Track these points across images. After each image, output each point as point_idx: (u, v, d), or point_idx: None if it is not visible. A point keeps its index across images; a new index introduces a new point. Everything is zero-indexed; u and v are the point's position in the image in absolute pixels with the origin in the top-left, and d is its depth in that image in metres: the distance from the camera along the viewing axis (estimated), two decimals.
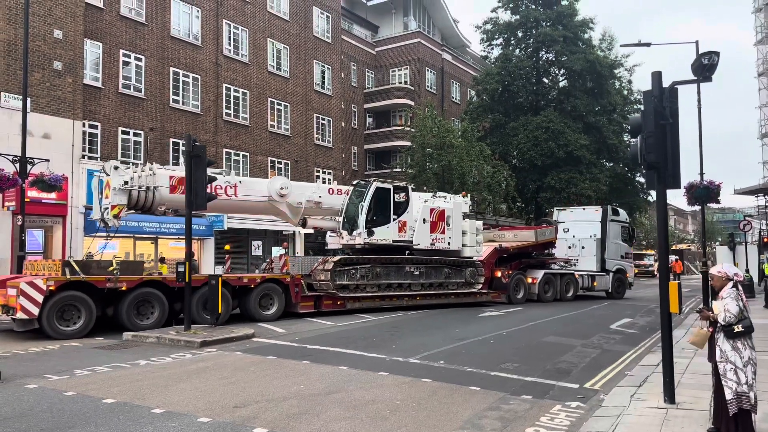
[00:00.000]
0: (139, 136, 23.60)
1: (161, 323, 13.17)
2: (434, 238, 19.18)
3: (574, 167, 37.41)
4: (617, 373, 9.31)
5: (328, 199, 17.56)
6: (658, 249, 7.27)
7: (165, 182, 14.21)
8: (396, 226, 18.17)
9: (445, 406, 7.01)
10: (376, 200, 17.82)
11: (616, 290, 26.00)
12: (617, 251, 26.47)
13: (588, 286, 24.87)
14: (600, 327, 15.23)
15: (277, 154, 29.39)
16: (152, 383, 7.96)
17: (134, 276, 13.26)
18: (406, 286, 18.43)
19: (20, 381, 7.96)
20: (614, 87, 42.09)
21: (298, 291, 15.84)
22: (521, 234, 24.13)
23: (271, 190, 16.07)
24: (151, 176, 14.05)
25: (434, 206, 19.49)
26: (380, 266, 17.76)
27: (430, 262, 19.17)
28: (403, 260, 18.44)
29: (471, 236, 20.33)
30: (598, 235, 25.79)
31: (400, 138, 38.82)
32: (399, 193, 18.65)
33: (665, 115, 6.79)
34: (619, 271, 26.30)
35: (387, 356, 10.16)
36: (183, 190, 13.77)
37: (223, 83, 26.97)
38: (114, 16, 22.99)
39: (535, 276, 22.65)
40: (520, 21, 40.82)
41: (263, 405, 6.91)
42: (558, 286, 23.23)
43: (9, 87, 18.97)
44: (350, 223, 17.74)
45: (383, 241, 17.85)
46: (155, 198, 14.05)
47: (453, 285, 19.76)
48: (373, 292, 17.46)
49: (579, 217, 26.73)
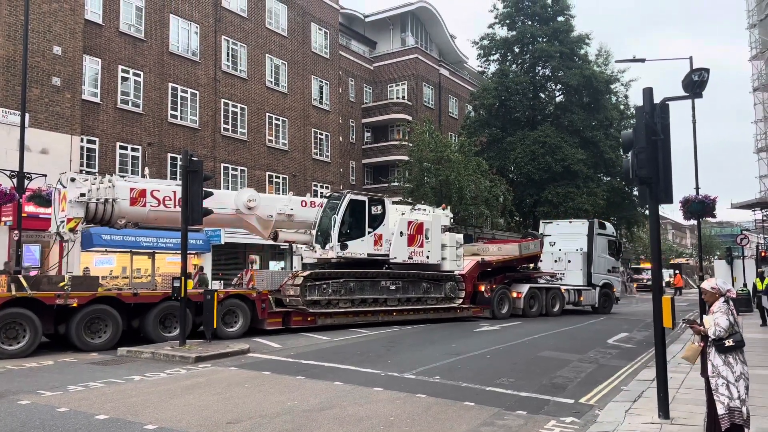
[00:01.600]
0: (137, 151, 23.68)
1: (114, 342, 12.53)
2: (412, 252, 18.68)
3: (571, 181, 37.54)
4: (613, 388, 9.29)
5: (300, 211, 17.00)
6: (651, 264, 7.29)
7: (125, 194, 13.74)
8: (371, 240, 17.62)
9: (439, 422, 6.98)
10: (350, 213, 17.30)
11: (602, 305, 25.52)
12: (604, 265, 26.12)
13: (574, 301, 24.47)
14: (597, 342, 15.20)
15: (275, 168, 29.47)
16: (146, 399, 7.92)
17: (86, 292, 12.61)
18: (382, 301, 17.84)
19: (13, 397, 7.92)
20: (610, 102, 42.35)
21: (265, 307, 15.22)
22: (505, 247, 23.68)
23: (238, 203, 15.54)
24: (110, 188, 13.57)
25: (412, 219, 19.02)
26: (354, 281, 17.12)
27: (407, 276, 18.62)
28: (379, 274, 17.86)
29: (451, 249, 19.86)
30: (585, 249, 25.49)
31: (397, 152, 38.95)
32: (375, 206, 18.10)
33: (656, 131, 6.85)
34: (606, 286, 25.87)
35: (382, 371, 10.12)
36: (144, 202, 13.78)
37: (222, 98, 27.11)
38: (113, 32, 23.17)
39: (520, 290, 22.08)
40: (516, 37, 41.18)
41: (257, 421, 6.88)
42: (544, 301, 22.71)
43: (8, 102, 19.07)
44: (323, 237, 17.15)
45: (357, 254, 17.31)
46: (114, 211, 13.57)
47: (432, 300, 19.20)
48: (347, 308, 16.90)
49: (565, 230, 26.40)
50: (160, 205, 14.11)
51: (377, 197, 18.96)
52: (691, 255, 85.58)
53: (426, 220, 19.37)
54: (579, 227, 26.15)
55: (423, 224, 19.10)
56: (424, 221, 19.20)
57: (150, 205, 13.96)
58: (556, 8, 41.48)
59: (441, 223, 19.89)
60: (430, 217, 19.71)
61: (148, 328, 13.20)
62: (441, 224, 19.83)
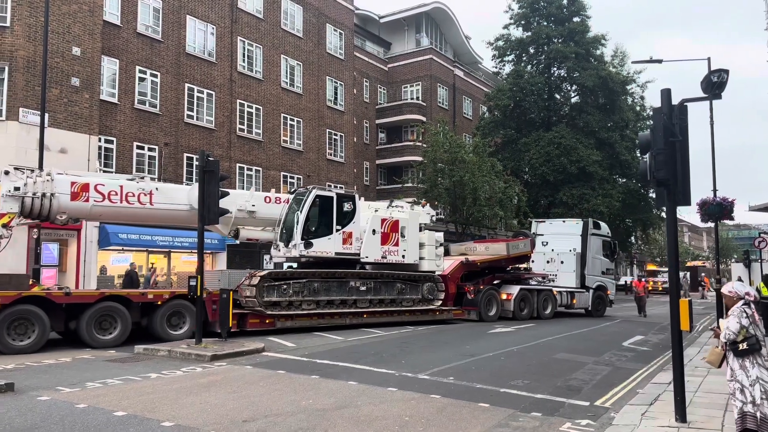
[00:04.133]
0: (154, 151, 23.90)
1: (40, 344, 11.78)
2: (386, 251, 17.76)
3: (586, 183, 37.31)
4: (628, 390, 9.23)
5: (263, 208, 16.10)
6: (669, 266, 7.24)
7: (65, 189, 12.98)
8: (339, 238, 16.71)
9: (453, 423, 6.99)
10: (316, 209, 16.47)
11: (595, 308, 24.56)
12: (598, 267, 25.13)
13: (567, 304, 23.49)
14: (612, 344, 15.10)
15: (290, 169, 29.60)
16: (162, 396, 8.01)
17: (10, 291, 11.79)
18: (351, 302, 16.89)
19: (33, 393, 8.04)
20: (627, 103, 42.08)
21: (216, 308, 14.12)
22: (493, 247, 22.71)
23: (191, 199, 14.42)
24: (49, 182, 12.88)
25: (386, 216, 18.11)
26: (318, 281, 16.14)
27: (379, 276, 17.65)
28: (347, 274, 16.88)
29: (430, 249, 18.90)
30: (579, 250, 24.46)
31: (411, 153, 38.96)
32: (344, 202, 17.17)
33: (674, 132, 6.81)
34: (600, 288, 24.88)
35: (396, 372, 10.14)
36: (87, 197, 13.07)
37: (237, 99, 27.29)
38: (131, 33, 23.41)
39: (510, 292, 21.10)
40: (531, 38, 41.04)
41: (272, 419, 6.93)
42: (535, 303, 21.68)
43: (28, 102, 19.34)
44: (287, 235, 16.25)
45: (323, 253, 16.41)
46: (53, 206, 12.87)
47: (408, 301, 18.21)
48: (310, 310, 15.91)
49: (558, 229, 25.39)
50: (105, 200, 13.41)
51: (347, 193, 18.07)
52: (707, 258, 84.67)
53: (402, 217, 18.48)
54: (573, 227, 25.20)
55: (398, 222, 18.23)
56: (399, 219, 18.33)
57: (94, 200, 13.26)
58: (572, 9, 41.30)
59: (419, 221, 19.00)
60: (407, 214, 18.82)
61: (82, 331, 12.34)
62: (419, 222, 18.92)
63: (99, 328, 12.58)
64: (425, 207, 20.21)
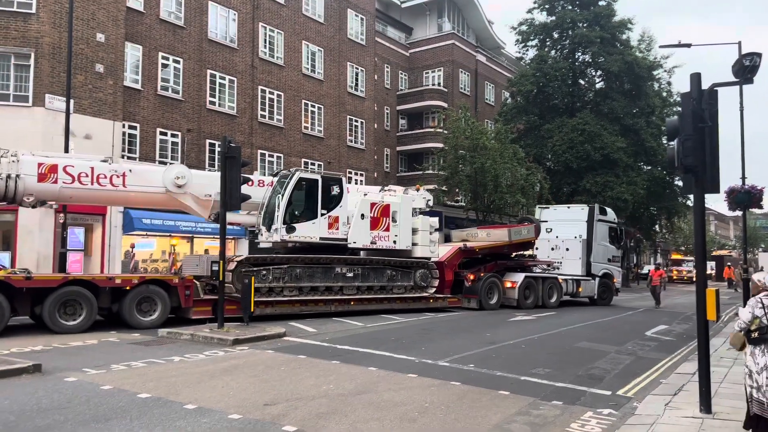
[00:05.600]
0: (177, 137, 24.10)
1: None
2: (375, 236, 17.13)
3: (610, 170, 36.75)
4: (652, 380, 9.12)
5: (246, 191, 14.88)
6: (695, 255, 7.10)
7: (32, 170, 12.52)
8: (325, 222, 16.04)
9: (473, 410, 6.97)
10: (299, 193, 15.90)
11: (601, 296, 23.92)
12: (604, 254, 24.47)
13: (572, 292, 22.81)
14: (635, 333, 14.94)
15: (311, 155, 29.64)
16: (185, 379, 8.12)
17: None
18: (337, 289, 16.30)
19: (60, 374, 8.21)
20: (653, 89, 41.24)
21: (190, 294, 13.75)
22: (494, 233, 22.00)
23: (166, 181, 14.08)
24: (15, 163, 12.44)
25: (376, 200, 17.46)
26: (301, 267, 15.61)
27: (367, 262, 17.09)
28: (332, 260, 16.25)
29: (423, 234, 18.26)
30: (584, 236, 23.78)
31: (432, 140, 38.74)
32: (331, 185, 16.48)
33: (704, 118, 6.64)
34: (606, 276, 24.21)
35: (416, 358, 10.15)
36: (56, 179, 12.68)
37: (259, 85, 27.34)
38: (154, 19, 23.54)
39: (514, 280, 20.47)
40: (556, 22, 40.34)
41: (293, 403, 6.98)
42: (540, 291, 21.03)
43: (53, 89, 19.58)
44: (269, 219, 15.76)
45: (307, 238, 15.82)
46: (18, 187, 12.42)
47: (399, 288, 17.63)
48: (292, 296, 15.38)
49: (563, 216, 24.66)
50: (75, 182, 12.97)
51: (333, 175, 17.33)
52: (734, 247, 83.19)
53: (393, 201, 17.81)
54: (578, 213, 24.57)
55: (389, 206, 17.53)
56: (390, 203, 17.65)
57: (63, 182, 12.82)
58: None
59: (413, 205, 18.35)
60: (399, 198, 18.14)
61: (45, 316, 11.96)
62: (412, 207, 18.28)
63: (63, 313, 12.12)
64: (419, 191, 19.48)
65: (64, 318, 12.14)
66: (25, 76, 19.41)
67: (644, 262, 62.14)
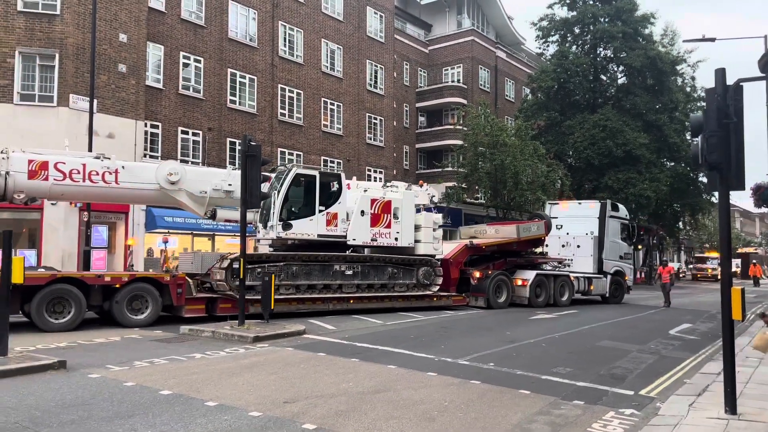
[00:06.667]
0: (198, 135, 24.34)
1: None
2: (376, 233, 16.73)
3: (632, 167, 36.31)
4: (675, 380, 8.98)
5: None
6: (720, 253, 6.98)
7: (22, 167, 12.50)
8: (323, 219, 15.72)
9: (494, 409, 6.93)
10: (296, 189, 15.61)
11: (613, 294, 23.42)
12: (616, 251, 23.90)
13: (584, 290, 22.23)
14: (658, 332, 14.73)
15: (330, 153, 29.73)
16: (206, 376, 8.19)
17: None
18: (336, 287, 15.93)
19: (84, 370, 8.34)
20: (676, 84, 40.65)
21: (182, 292, 13.56)
22: (503, 230, 21.38)
23: (159, 177, 13.96)
24: (4, 160, 12.43)
25: (376, 197, 17.03)
26: (297, 264, 15.27)
27: (367, 260, 16.73)
28: (331, 258, 15.88)
29: (426, 231, 17.83)
30: (596, 233, 23.19)
31: (452, 137, 38.61)
32: (329, 181, 16.23)
33: (729, 114, 6.51)
34: (618, 273, 23.67)
35: (436, 356, 10.12)
36: (46, 176, 12.62)
37: (278, 84, 27.48)
38: (175, 19, 23.77)
39: (525, 277, 20.04)
40: (577, 17, 39.96)
41: (312, 401, 7.01)
42: (551, 289, 20.55)
43: (77, 89, 19.88)
44: (267, 216, 15.47)
45: (304, 235, 15.53)
46: (7, 184, 12.40)
47: (401, 286, 17.19)
48: (288, 294, 15.02)
49: (574, 212, 24.12)
50: (66, 179, 12.89)
51: (331, 172, 16.97)
52: (759, 244, 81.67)
53: (395, 197, 17.37)
54: (589, 209, 24.02)
55: (390, 203, 17.12)
56: (392, 199, 17.23)
57: (54, 179, 12.76)
58: None
59: (416, 201, 17.95)
60: (401, 194, 17.70)
61: (33, 314, 11.85)
62: (414, 202, 17.88)
63: (52, 312, 12.00)
64: (423, 187, 19.19)
65: (52, 316, 11.99)
66: (49, 76, 19.74)
67: (668, 259, 61.27)
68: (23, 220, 19.56)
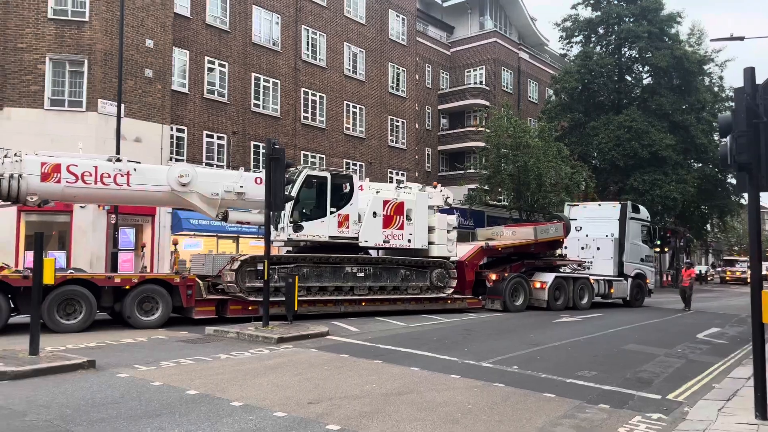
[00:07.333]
0: (223, 139, 24.63)
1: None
2: (389, 235, 16.60)
3: (658, 168, 35.76)
4: (703, 385, 8.85)
5: (253, 189, 14.65)
6: (750, 255, 6.86)
7: (35, 169, 12.50)
8: (334, 221, 15.62)
9: (518, 412, 6.90)
10: (307, 191, 15.54)
11: (634, 298, 23.04)
12: (637, 253, 23.50)
13: (604, 293, 21.92)
14: (686, 336, 14.50)
15: (352, 156, 29.84)
16: (232, 377, 8.29)
17: None
18: (347, 289, 15.85)
19: (112, 370, 8.49)
20: (703, 84, 39.96)
21: (192, 294, 13.59)
22: (520, 231, 21.19)
23: (170, 179, 13.90)
24: (18, 163, 12.43)
25: (389, 198, 16.87)
26: (308, 266, 15.19)
27: (380, 262, 16.67)
28: (342, 260, 15.80)
29: (440, 233, 17.65)
30: (616, 235, 22.84)
31: (474, 139, 38.46)
32: (340, 183, 16.12)
33: (759, 113, 6.40)
34: (639, 276, 23.29)
35: (459, 359, 10.10)
36: (59, 178, 12.66)
37: (302, 87, 27.68)
38: (200, 24, 24.11)
39: (543, 280, 19.73)
40: (601, 17, 39.54)
41: (336, 402, 7.05)
42: (570, 292, 20.18)
43: (105, 94, 20.28)
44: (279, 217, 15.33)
45: (315, 237, 15.48)
46: (21, 187, 12.42)
47: (414, 289, 17.03)
48: (300, 296, 14.57)
49: (594, 213, 23.71)
50: (78, 182, 12.89)
51: (343, 173, 16.79)
52: None
53: (407, 199, 17.22)
54: (609, 210, 23.50)
55: (403, 204, 16.96)
56: (404, 201, 17.07)
57: (66, 182, 12.77)
58: None
59: (430, 203, 17.80)
60: (414, 196, 17.54)
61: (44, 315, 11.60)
62: (428, 204, 17.71)
63: (63, 313, 12.12)
64: (437, 188, 18.93)
65: (63, 317, 12.09)
66: (78, 82, 20.17)
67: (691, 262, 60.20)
68: (53, 223, 19.98)
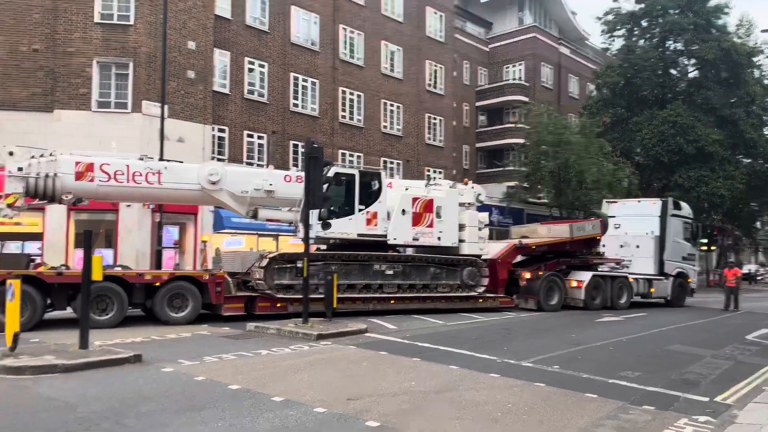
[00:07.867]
0: (263, 138, 25.00)
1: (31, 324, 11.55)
2: (418, 233, 16.40)
3: (705, 164, 34.65)
4: (754, 387, 8.56)
5: (283, 187, 14.81)
6: None
7: (69, 169, 12.70)
8: (363, 218, 15.52)
9: (558, 412, 6.81)
10: (336, 188, 15.35)
11: (676, 297, 22.31)
12: (678, 251, 22.70)
13: (644, 292, 21.27)
14: (734, 337, 14.05)
15: (390, 154, 29.89)
16: (273, 372, 8.42)
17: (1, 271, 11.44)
18: (376, 287, 15.68)
19: (158, 364, 8.73)
20: (753, 76, 38.54)
21: (221, 291, 13.72)
22: (555, 229, 20.59)
23: (200, 178, 14.05)
24: (52, 162, 12.65)
25: (418, 195, 16.67)
26: (337, 263, 15.09)
27: (409, 260, 16.50)
28: (371, 257, 15.65)
29: (471, 230, 17.32)
30: (657, 232, 22.10)
31: (513, 136, 38.04)
32: (369, 180, 15.94)
33: None
34: (680, 275, 22.51)
35: (498, 358, 10.02)
36: (92, 177, 12.85)
37: (340, 87, 27.86)
38: (240, 25, 24.50)
39: (580, 279, 19.24)
40: (644, 10, 38.52)
41: (375, 399, 7.09)
42: (608, 292, 19.70)
43: (149, 95, 20.81)
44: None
45: (344, 234, 15.41)
46: (56, 186, 12.64)
47: (444, 287, 16.79)
48: None
49: (633, 211, 23.02)
50: (111, 180, 13.09)
51: (371, 170, 16.80)
52: None
53: (437, 196, 16.97)
54: (649, 207, 22.79)
55: (432, 201, 16.73)
56: (434, 198, 16.84)
57: (99, 180, 12.97)
58: None
59: (461, 200, 17.46)
60: (444, 193, 17.28)
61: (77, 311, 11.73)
62: (459, 201, 17.37)
63: (96, 309, 12.22)
64: (468, 185, 18.61)
65: (95, 313, 12.16)
66: (124, 84, 20.75)
67: (745, 261, 58.26)
68: (101, 221, 20.63)
